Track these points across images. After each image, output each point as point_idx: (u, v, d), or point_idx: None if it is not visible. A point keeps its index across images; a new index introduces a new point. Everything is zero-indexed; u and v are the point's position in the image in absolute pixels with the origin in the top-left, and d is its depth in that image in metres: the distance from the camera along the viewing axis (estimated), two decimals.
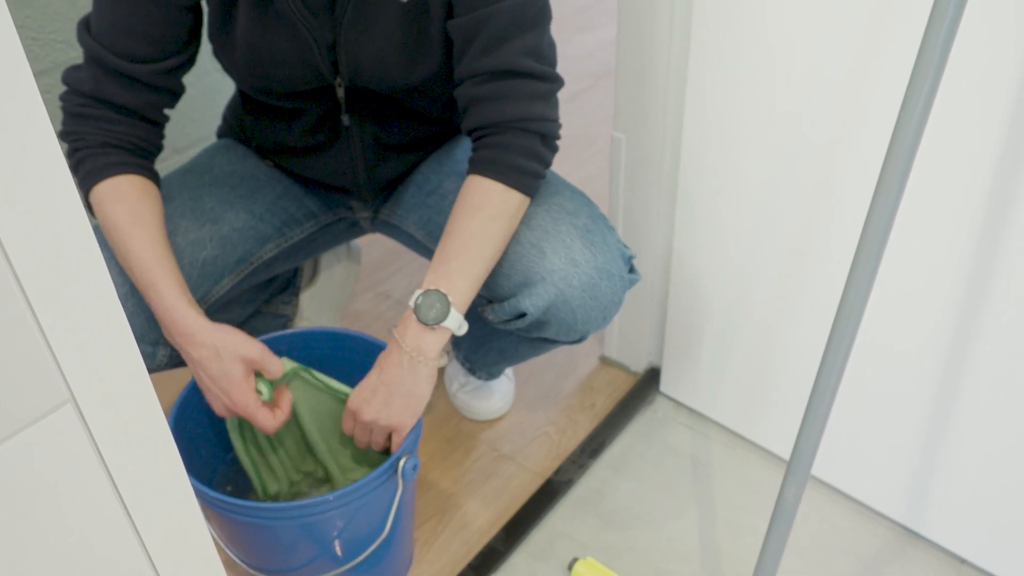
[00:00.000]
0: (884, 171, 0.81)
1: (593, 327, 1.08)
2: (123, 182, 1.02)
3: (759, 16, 1.07)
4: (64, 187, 0.45)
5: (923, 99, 0.77)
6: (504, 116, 1.00)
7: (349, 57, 1.05)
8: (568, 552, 1.27)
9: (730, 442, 1.43)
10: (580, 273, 1.03)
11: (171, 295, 0.99)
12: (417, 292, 0.97)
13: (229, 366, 0.99)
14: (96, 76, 1.01)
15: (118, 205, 1.01)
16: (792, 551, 1.24)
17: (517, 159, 1.00)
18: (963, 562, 1.23)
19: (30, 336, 0.45)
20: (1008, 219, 0.97)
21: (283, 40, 1.03)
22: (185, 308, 0.99)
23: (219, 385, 1.00)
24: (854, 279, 0.86)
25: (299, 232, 1.24)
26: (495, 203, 1.01)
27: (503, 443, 1.45)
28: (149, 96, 1.04)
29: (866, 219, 0.84)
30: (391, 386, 0.99)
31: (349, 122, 1.13)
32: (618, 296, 1.07)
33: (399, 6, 1.01)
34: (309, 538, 1.03)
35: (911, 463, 1.21)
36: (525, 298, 1.03)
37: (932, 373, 1.13)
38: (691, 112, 1.21)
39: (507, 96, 1.00)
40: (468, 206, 1.00)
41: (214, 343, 0.99)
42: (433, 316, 0.96)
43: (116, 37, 1.00)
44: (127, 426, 0.52)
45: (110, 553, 0.55)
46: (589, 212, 1.08)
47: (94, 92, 1.02)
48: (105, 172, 1.02)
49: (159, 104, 1.06)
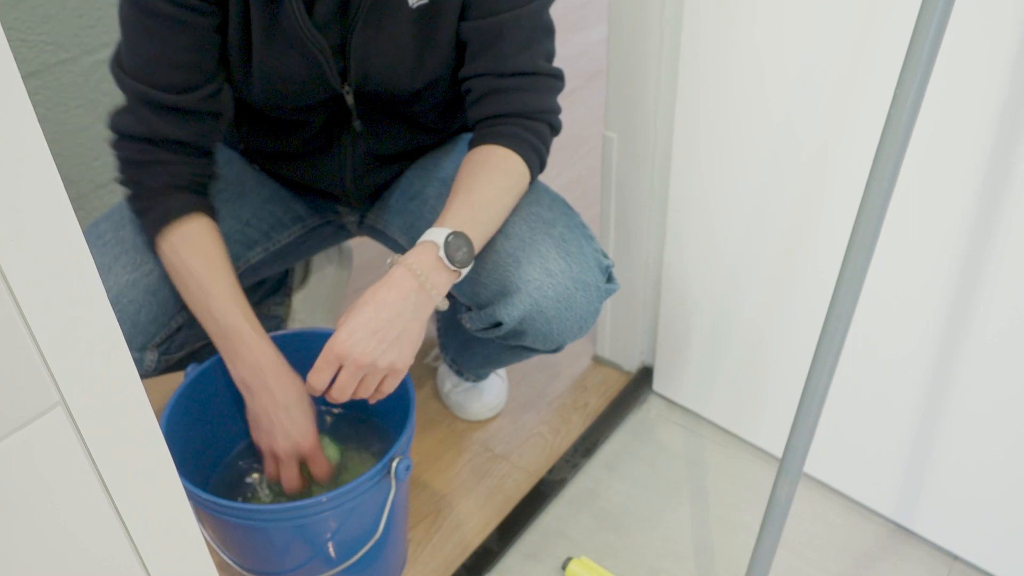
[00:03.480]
0: (873, 172, 0.82)
1: (570, 337, 1.08)
2: (192, 227, 1.04)
3: (749, 15, 1.08)
4: (53, 190, 0.45)
5: (910, 102, 0.77)
6: (525, 107, 1.05)
7: (358, 63, 1.04)
8: (562, 551, 1.27)
9: (723, 440, 1.44)
10: (555, 284, 1.03)
11: (259, 341, 1.03)
12: (440, 230, 0.95)
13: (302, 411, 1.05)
14: (145, 116, 1.00)
15: (193, 253, 1.03)
16: (785, 549, 1.25)
17: (532, 139, 1.04)
18: (955, 558, 1.24)
19: (19, 339, 0.45)
20: (998, 216, 0.98)
21: (292, 57, 1.03)
22: (275, 353, 1.04)
23: (291, 418, 1.04)
24: (845, 277, 0.86)
25: (286, 236, 1.24)
26: (509, 167, 1.03)
27: (496, 443, 1.45)
28: (200, 125, 1.04)
29: (856, 217, 0.84)
30: (395, 320, 0.92)
31: (361, 127, 1.13)
32: (594, 306, 1.06)
33: (409, 11, 1.01)
34: (302, 540, 1.03)
35: (903, 460, 1.22)
36: (500, 307, 1.03)
37: (923, 371, 1.13)
38: (682, 111, 1.21)
39: (528, 90, 1.05)
40: (485, 164, 1.02)
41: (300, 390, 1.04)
42: (460, 258, 0.94)
43: (155, 71, 0.98)
44: (118, 428, 0.52)
45: (101, 556, 0.55)
46: (566, 221, 1.07)
47: (148, 134, 1.01)
48: (171, 216, 1.03)
49: (211, 132, 1.06)
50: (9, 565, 0.50)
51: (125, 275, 1.05)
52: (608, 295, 1.09)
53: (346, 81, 1.06)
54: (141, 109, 1.00)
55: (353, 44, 1.02)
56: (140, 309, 1.05)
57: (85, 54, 1.54)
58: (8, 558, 0.49)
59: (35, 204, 0.44)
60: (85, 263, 0.47)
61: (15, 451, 0.47)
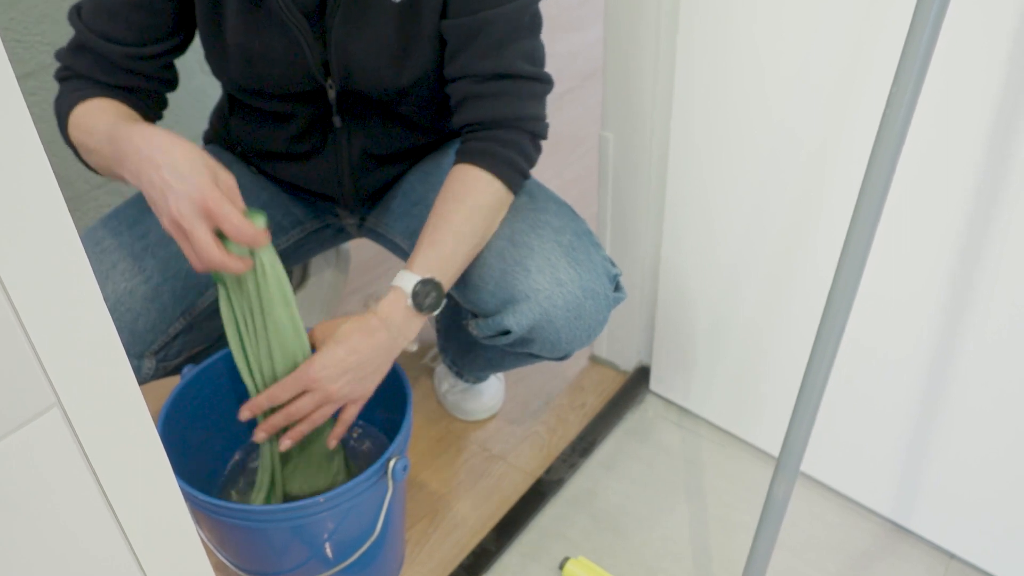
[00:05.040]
0: (869, 170, 0.82)
1: (577, 345, 1.08)
2: (101, 101, 1.03)
3: (746, 14, 1.08)
4: (49, 190, 0.44)
5: (906, 100, 0.77)
6: (501, 114, 1.03)
7: (340, 58, 1.04)
8: (559, 551, 1.27)
9: (720, 440, 1.44)
10: (565, 293, 1.02)
11: (138, 126, 0.94)
12: (410, 276, 0.98)
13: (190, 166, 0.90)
14: (88, 61, 1.03)
15: (95, 115, 1.01)
16: (782, 548, 1.25)
17: (510, 154, 1.03)
18: (952, 557, 1.24)
19: (15, 339, 0.45)
20: (995, 213, 0.98)
21: (274, 39, 1.03)
22: (155, 128, 0.93)
23: (177, 175, 0.89)
24: (841, 276, 0.87)
25: (285, 239, 1.24)
26: (486, 193, 1.02)
27: (493, 443, 1.45)
28: (141, 82, 1.06)
29: (852, 215, 0.84)
30: (365, 364, 0.98)
31: (340, 123, 1.13)
32: (603, 315, 1.06)
33: (391, 6, 1.01)
34: (300, 540, 1.03)
35: (900, 459, 1.22)
36: (509, 316, 1.03)
37: (920, 370, 1.13)
38: (679, 110, 1.21)
39: (505, 95, 1.03)
40: (458, 195, 1.02)
41: (187, 150, 0.91)
42: (429, 304, 0.98)
43: (107, 23, 1.02)
44: (114, 430, 0.52)
45: (98, 558, 0.55)
46: (575, 229, 1.07)
47: (89, 75, 1.04)
48: (80, 98, 1.02)
49: (144, 89, 1.07)
50: (5, 566, 0.50)
51: (123, 283, 1.05)
52: (616, 304, 1.08)
53: (330, 75, 1.06)
54: (86, 55, 1.03)
55: (333, 35, 1.02)
56: (138, 317, 1.05)
57: None
58: (4, 559, 0.49)
59: (31, 204, 0.44)
60: (81, 264, 0.47)
61: (11, 452, 0.47)
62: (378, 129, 1.15)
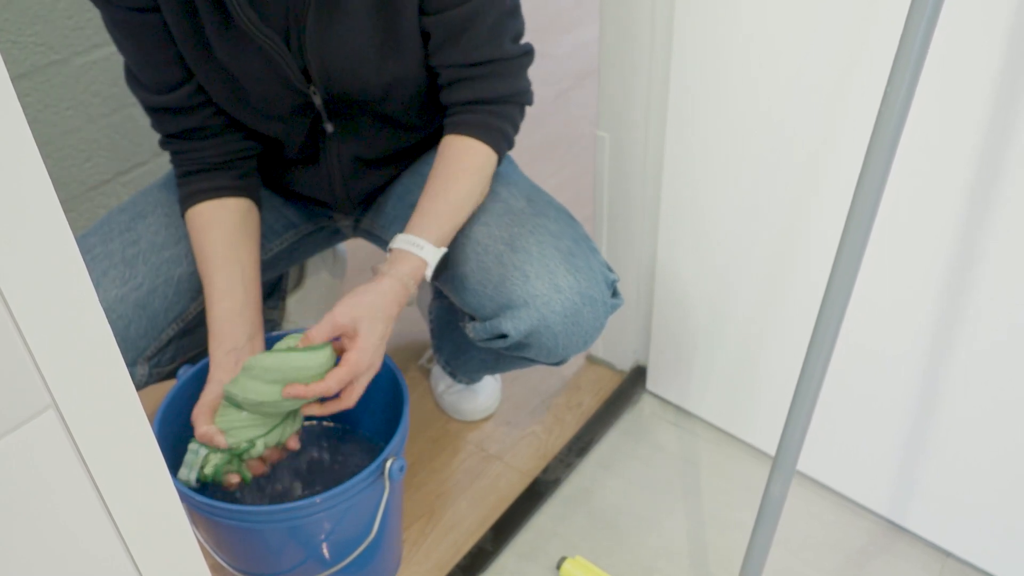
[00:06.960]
0: (863, 171, 0.82)
1: (574, 351, 1.08)
2: (204, 212, 1.09)
3: (742, 15, 1.08)
4: (43, 192, 0.44)
5: (900, 103, 0.78)
6: (495, 92, 1.07)
7: (317, 62, 1.02)
8: (557, 551, 1.27)
9: (717, 439, 1.44)
10: (563, 299, 1.03)
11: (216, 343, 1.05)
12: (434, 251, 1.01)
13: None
14: (154, 119, 1.09)
15: (202, 238, 1.08)
16: (779, 546, 1.25)
17: (504, 125, 1.08)
18: (948, 555, 1.24)
19: (10, 341, 0.45)
20: (991, 213, 0.98)
21: (250, 58, 1.01)
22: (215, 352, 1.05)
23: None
24: (836, 275, 0.87)
25: (279, 243, 1.24)
26: (483, 163, 1.07)
27: (490, 443, 1.45)
28: (194, 118, 1.08)
29: (847, 215, 0.84)
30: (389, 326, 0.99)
31: (332, 129, 1.12)
32: (600, 322, 1.07)
33: (363, 5, 0.99)
34: (296, 541, 1.03)
35: (896, 458, 1.22)
36: (507, 320, 1.04)
37: (916, 369, 1.13)
38: (674, 110, 1.21)
39: (496, 75, 1.06)
40: (458, 165, 1.06)
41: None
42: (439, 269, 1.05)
43: (141, 75, 1.05)
44: (110, 431, 0.52)
45: (94, 559, 0.55)
46: (573, 234, 1.07)
47: (160, 131, 1.10)
48: (186, 203, 1.10)
49: (210, 122, 1.09)
50: (1, 568, 0.50)
51: (114, 289, 1.05)
52: (613, 310, 1.08)
53: (311, 82, 1.05)
54: (148, 112, 1.08)
55: (307, 39, 1.00)
56: (129, 324, 1.05)
57: (75, 56, 1.53)
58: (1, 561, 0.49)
59: (25, 207, 0.44)
60: (75, 265, 0.47)
61: (7, 454, 0.47)
62: (369, 132, 1.14)
